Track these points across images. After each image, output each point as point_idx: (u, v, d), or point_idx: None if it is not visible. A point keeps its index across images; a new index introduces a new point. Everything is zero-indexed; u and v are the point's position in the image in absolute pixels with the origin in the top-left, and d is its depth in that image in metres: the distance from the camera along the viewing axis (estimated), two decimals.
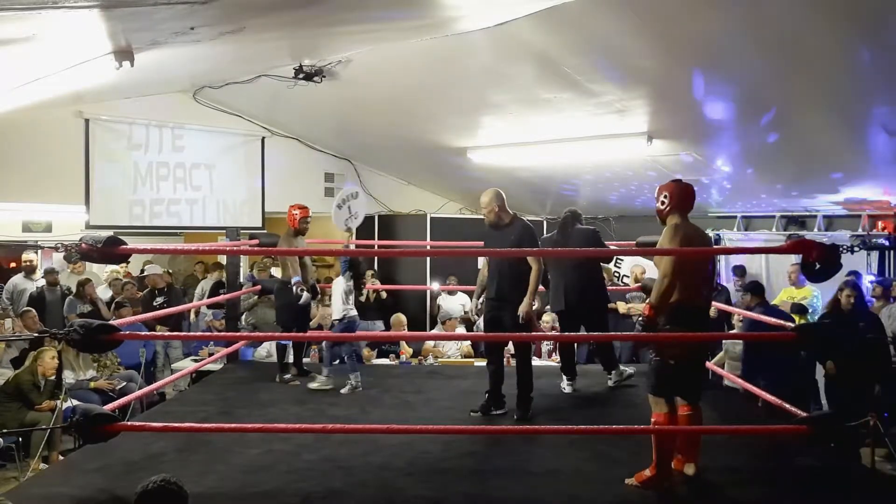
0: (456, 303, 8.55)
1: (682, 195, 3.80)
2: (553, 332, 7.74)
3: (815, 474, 3.97)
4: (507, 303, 4.91)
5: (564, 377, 5.71)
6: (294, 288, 5.87)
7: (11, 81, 5.59)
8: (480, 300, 5.30)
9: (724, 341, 6.95)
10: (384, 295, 8.67)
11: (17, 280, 7.98)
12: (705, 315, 3.89)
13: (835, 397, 6.25)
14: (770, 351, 6.37)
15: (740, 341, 6.65)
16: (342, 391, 5.65)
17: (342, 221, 5.84)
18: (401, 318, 7.91)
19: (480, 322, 6.33)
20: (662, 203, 3.80)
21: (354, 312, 5.84)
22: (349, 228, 5.80)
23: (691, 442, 3.83)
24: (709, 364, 6.08)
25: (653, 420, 3.74)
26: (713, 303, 6.42)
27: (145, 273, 9.26)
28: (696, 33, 4.79)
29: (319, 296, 6.91)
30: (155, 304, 8.20)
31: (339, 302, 5.77)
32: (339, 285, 5.80)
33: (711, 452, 3.96)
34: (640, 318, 3.72)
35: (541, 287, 6.33)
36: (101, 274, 9.70)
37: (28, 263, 8.01)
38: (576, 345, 6.54)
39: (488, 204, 5.01)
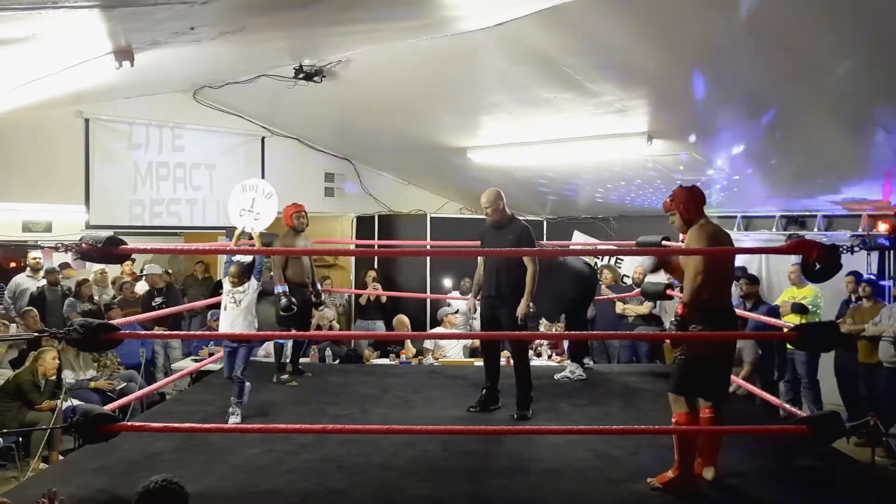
0: (457, 302, 8.56)
1: (696, 198, 3.85)
2: (553, 332, 7.77)
3: (815, 474, 3.97)
4: (504, 302, 4.93)
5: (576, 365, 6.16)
6: (279, 297, 5.89)
7: (11, 81, 5.59)
8: (477, 298, 5.32)
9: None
10: (383, 297, 8.68)
11: (20, 279, 7.97)
12: (732, 315, 3.87)
13: None
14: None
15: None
16: (229, 421, 4.81)
17: (237, 213, 5.41)
18: (403, 319, 7.91)
19: (476, 323, 6.42)
20: (688, 210, 3.81)
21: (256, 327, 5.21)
22: (243, 228, 5.41)
23: (709, 445, 3.80)
24: None
25: (673, 420, 3.72)
26: None
27: (144, 273, 9.25)
28: (696, 33, 4.78)
29: (322, 299, 6.86)
30: (154, 304, 8.19)
31: (248, 315, 5.02)
32: (252, 293, 5.01)
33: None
34: (675, 318, 3.71)
35: None
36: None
37: (35, 261, 8.00)
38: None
39: (491, 203, 5.02)
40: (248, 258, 5.04)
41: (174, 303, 8.11)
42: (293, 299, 5.89)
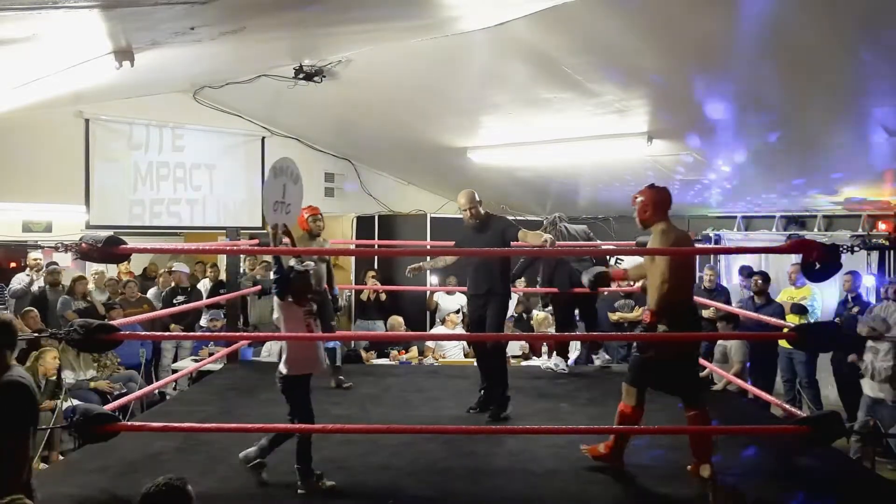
0: (454, 302, 8.55)
1: (661, 200, 3.87)
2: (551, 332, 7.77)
3: (815, 474, 3.97)
4: (491, 297, 4.94)
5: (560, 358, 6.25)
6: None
7: (11, 81, 5.60)
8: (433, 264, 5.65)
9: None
10: (383, 296, 8.67)
11: (21, 279, 7.96)
12: (694, 312, 4.00)
13: None
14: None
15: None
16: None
17: (270, 208, 3.97)
18: (398, 319, 7.90)
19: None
20: (644, 210, 3.87)
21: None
22: (277, 225, 4.05)
23: (702, 444, 3.80)
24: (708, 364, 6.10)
25: (620, 407, 3.87)
26: (714, 303, 6.48)
27: (172, 269, 9.10)
28: (696, 33, 4.78)
29: (340, 305, 6.72)
30: (175, 302, 8.13)
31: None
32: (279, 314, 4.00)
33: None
34: (642, 325, 3.74)
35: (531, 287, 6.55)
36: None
37: (34, 262, 7.99)
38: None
39: (472, 201, 5.02)
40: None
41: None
42: None
